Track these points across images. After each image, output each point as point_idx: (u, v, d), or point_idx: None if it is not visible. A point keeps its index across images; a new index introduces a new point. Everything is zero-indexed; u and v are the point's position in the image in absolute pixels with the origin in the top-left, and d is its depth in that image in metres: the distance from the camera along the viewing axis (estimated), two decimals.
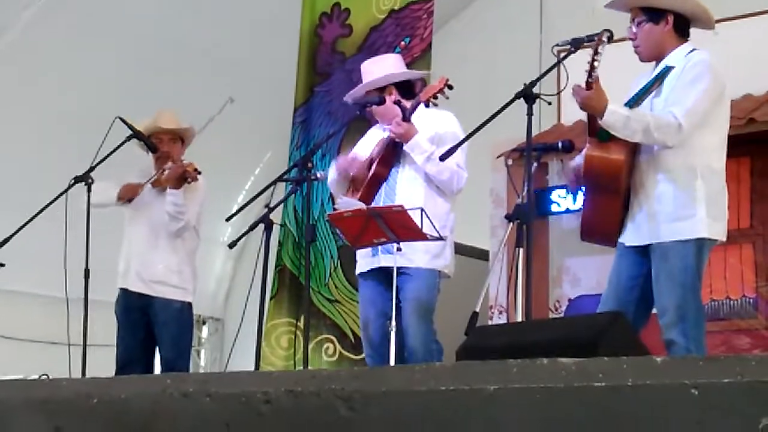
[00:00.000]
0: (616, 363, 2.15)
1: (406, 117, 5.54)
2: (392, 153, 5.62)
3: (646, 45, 4.78)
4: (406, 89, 5.80)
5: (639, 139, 4.59)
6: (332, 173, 5.78)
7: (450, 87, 5.49)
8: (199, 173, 6.46)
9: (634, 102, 4.72)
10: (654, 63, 4.85)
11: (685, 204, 4.59)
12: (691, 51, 4.75)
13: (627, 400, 2.16)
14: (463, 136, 5.40)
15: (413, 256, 5.45)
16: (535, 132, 6.86)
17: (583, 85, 4.56)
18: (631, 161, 4.68)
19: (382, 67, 5.86)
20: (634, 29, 4.80)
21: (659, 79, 4.74)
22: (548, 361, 2.21)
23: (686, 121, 4.54)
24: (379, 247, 5.48)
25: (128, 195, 6.57)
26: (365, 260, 5.65)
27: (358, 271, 5.74)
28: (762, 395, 2.02)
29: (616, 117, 4.56)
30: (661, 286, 4.61)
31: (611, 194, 4.72)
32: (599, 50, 4.55)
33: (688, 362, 2.11)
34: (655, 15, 4.76)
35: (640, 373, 2.13)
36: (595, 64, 4.54)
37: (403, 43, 7.90)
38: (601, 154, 4.67)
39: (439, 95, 5.55)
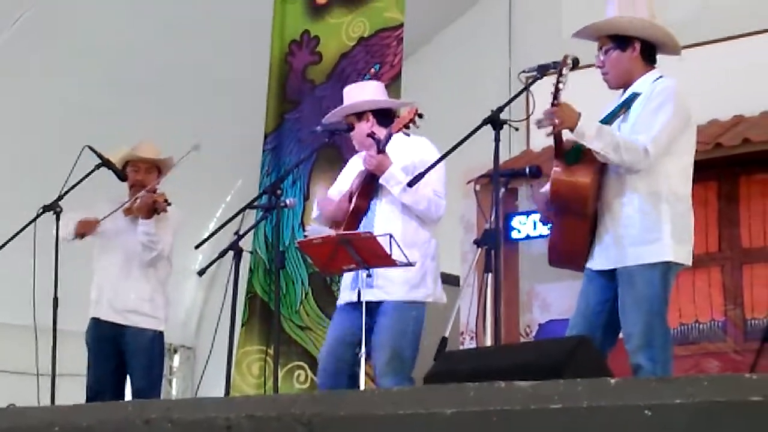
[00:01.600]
0: (572, 385, 2.17)
1: (380, 149, 5.53)
2: (370, 185, 5.62)
3: (615, 72, 4.80)
4: (385, 116, 5.80)
5: (609, 154, 4.56)
6: (316, 210, 5.80)
7: (420, 116, 5.50)
8: (169, 204, 6.46)
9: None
10: (622, 90, 4.88)
11: (650, 228, 4.61)
12: (658, 78, 4.79)
13: (582, 422, 2.16)
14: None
15: (391, 288, 5.43)
16: (504, 158, 6.93)
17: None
18: (598, 185, 4.71)
19: (364, 93, 5.87)
20: (601, 57, 4.83)
21: (625, 105, 4.77)
22: (505, 384, 2.22)
23: (652, 147, 4.56)
24: (359, 281, 5.43)
25: (83, 231, 6.55)
26: (345, 293, 5.62)
27: (338, 303, 5.73)
28: (714, 415, 2.04)
29: (589, 126, 4.58)
30: (627, 311, 4.62)
31: (578, 217, 4.73)
32: (563, 72, 4.58)
33: (641, 384, 2.12)
34: (622, 42, 4.79)
35: (595, 395, 2.14)
36: (560, 86, 4.57)
37: (372, 70, 7.93)
38: (567, 177, 4.68)
39: (410, 125, 5.56)
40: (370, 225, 5.55)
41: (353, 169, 5.81)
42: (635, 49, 4.79)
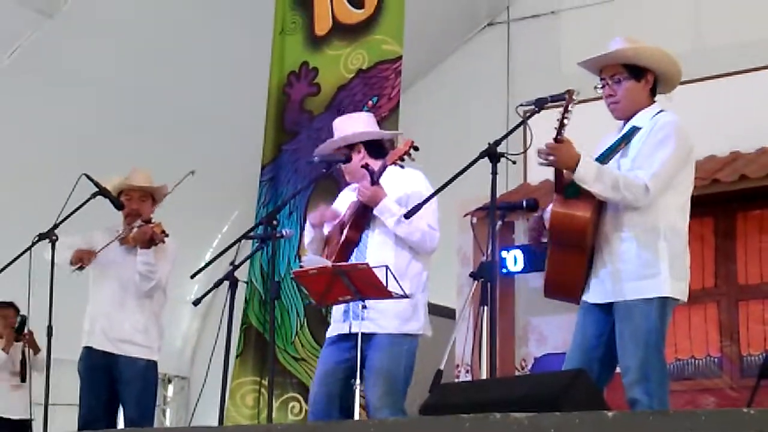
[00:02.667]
0: (568, 418, 2.15)
1: (374, 180, 5.53)
2: (363, 217, 5.60)
3: (626, 102, 4.77)
4: (376, 148, 5.80)
5: (609, 195, 4.59)
6: (309, 233, 5.77)
7: (416, 149, 5.49)
8: (167, 235, 6.44)
9: (600, 161, 4.74)
10: (621, 122, 4.88)
11: (649, 263, 4.60)
12: (659, 113, 4.78)
13: None
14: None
15: (383, 321, 5.40)
16: (501, 191, 6.93)
17: (552, 141, 4.59)
18: (597, 219, 4.70)
19: (354, 125, 5.86)
20: (611, 85, 4.79)
21: (626, 139, 4.76)
22: (501, 415, 2.20)
23: (653, 183, 4.56)
24: (350, 313, 5.44)
25: (80, 261, 6.52)
26: (336, 325, 5.60)
27: (328, 335, 5.70)
28: None
29: (588, 169, 4.57)
30: (625, 345, 4.61)
31: (576, 251, 4.71)
32: (570, 108, 4.58)
33: (638, 417, 2.11)
34: (637, 72, 4.78)
35: (592, 428, 2.13)
36: (565, 121, 4.57)
37: (370, 102, 7.94)
38: (566, 210, 4.68)
39: (405, 157, 5.56)
40: (362, 256, 5.53)
41: (344, 201, 5.81)
42: (648, 81, 4.79)
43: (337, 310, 5.60)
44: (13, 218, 8.81)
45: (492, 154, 4.72)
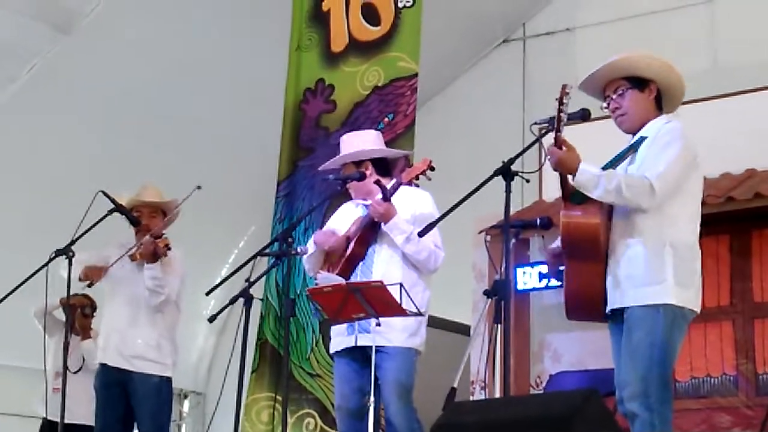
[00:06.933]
0: None
1: (386, 197, 5.55)
2: (370, 232, 5.63)
3: (633, 112, 4.79)
4: (383, 166, 5.83)
5: (612, 199, 4.58)
6: (311, 248, 5.78)
7: (432, 168, 5.53)
8: (169, 249, 6.44)
9: (608, 168, 4.75)
10: (630, 138, 4.88)
11: (653, 269, 4.56)
12: (666, 123, 4.78)
13: None
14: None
15: (390, 335, 5.46)
16: (517, 208, 6.95)
17: (552, 140, 4.60)
18: (608, 224, 4.69)
19: (363, 142, 5.90)
20: (614, 98, 4.80)
21: (633, 148, 4.77)
22: None
23: (658, 184, 4.54)
24: (356, 326, 5.48)
25: (91, 277, 6.53)
26: (341, 339, 5.64)
27: (332, 349, 5.73)
28: None
29: (587, 176, 4.58)
30: (626, 357, 4.58)
31: (592, 260, 4.67)
32: (564, 101, 4.59)
33: None
34: (639, 83, 4.80)
35: None
36: (562, 115, 4.58)
37: (386, 119, 7.96)
38: (577, 219, 4.66)
39: (421, 176, 5.59)
40: (368, 271, 5.58)
41: (345, 215, 5.83)
42: (652, 90, 4.81)
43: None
44: (30, 234, 8.85)
45: (506, 172, 4.73)
